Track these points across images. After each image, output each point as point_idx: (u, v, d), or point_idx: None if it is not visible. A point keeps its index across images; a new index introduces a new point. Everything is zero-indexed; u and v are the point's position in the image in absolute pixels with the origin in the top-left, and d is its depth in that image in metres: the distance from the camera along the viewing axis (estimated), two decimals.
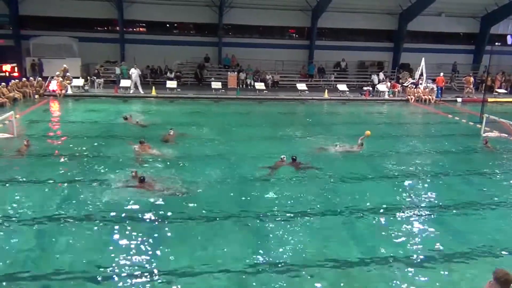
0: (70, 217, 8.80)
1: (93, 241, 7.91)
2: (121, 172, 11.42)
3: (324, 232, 8.62)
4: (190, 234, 8.35)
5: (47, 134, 15.90)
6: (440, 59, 33.51)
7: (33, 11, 29.99)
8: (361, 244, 8.21)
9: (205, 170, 12.00)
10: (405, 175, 12.38)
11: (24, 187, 10.40)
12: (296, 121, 20.43)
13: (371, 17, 33.44)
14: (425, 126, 20.79)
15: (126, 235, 8.17)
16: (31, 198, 9.69)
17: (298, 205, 9.90)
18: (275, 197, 10.32)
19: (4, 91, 20.94)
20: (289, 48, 33.62)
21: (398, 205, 10.11)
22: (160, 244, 7.92)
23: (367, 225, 9.08)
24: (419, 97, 27.03)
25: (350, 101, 27.01)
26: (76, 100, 23.73)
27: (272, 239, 8.25)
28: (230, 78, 29.74)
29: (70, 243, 7.79)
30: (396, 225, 9.05)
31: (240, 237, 8.34)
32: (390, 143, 16.10)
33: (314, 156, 13.76)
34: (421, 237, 8.60)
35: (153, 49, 30.84)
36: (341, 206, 9.97)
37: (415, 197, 10.71)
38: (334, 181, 11.63)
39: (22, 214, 8.87)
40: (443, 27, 34.64)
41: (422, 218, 9.50)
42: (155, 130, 16.53)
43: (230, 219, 9.09)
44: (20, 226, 8.41)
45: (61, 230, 8.30)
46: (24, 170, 11.58)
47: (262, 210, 9.53)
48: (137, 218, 8.89)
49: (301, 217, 9.25)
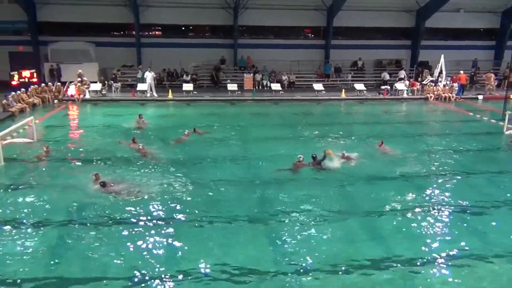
0: (90, 223, 8.92)
1: (115, 247, 7.97)
2: (143, 176, 11.57)
3: (344, 234, 8.54)
4: (205, 237, 8.37)
5: (66, 139, 16.14)
6: (460, 56, 32.93)
7: (50, 17, 30.57)
8: (382, 246, 8.11)
9: (221, 172, 12.06)
10: (426, 175, 12.18)
11: (43, 192, 10.51)
12: (313, 122, 20.30)
13: (387, 15, 33.14)
14: (446, 124, 20.44)
15: (143, 235, 8.23)
16: (49, 202, 9.84)
17: (317, 206, 9.81)
18: (293, 198, 10.26)
19: (24, 97, 21.36)
20: (305, 48, 33.54)
21: (419, 206, 9.93)
22: (174, 246, 7.98)
23: (388, 226, 8.96)
24: (439, 95, 26.65)
25: (368, 100, 26.79)
26: (94, 104, 24.05)
27: (291, 241, 8.21)
28: (246, 79, 29.75)
29: (89, 249, 7.88)
30: (418, 226, 8.91)
31: (258, 240, 8.31)
32: (409, 143, 15.90)
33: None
34: (444, 238, 8.45)
35: (169, 52, 31.13)
36: (361, 206, 9.89)
37: (436, 197, 10.53)
38: (354, 181, 11.50)
39: (36, 219, 9.00)
40: (462, 23, 34.12)
41: (445, 219, 9.33)
42: (170, 132, 16.68)
43: (247, 221, 9.08)
44: (36, 230, 8.54)
45: (81, 235, 8.39)
46: (43, 175, 11.78)
47: (280, 211, 9.50)
48: (150, 221, 8.96)
49: (320, 218, 9.18)
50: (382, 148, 14.49)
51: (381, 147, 14.55)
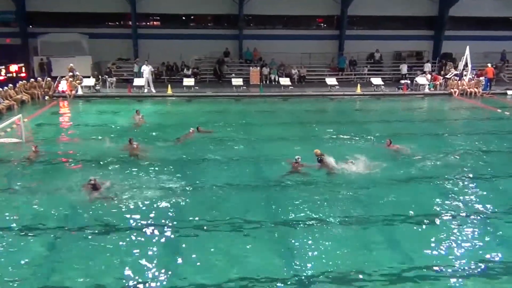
0: (82, 229, 8.93)
1: (108, 256, 7.97)
2: (140, 178, 11.59)
3: (359, 241, 8.51)
4: (210, 243, 8.38)
5: (57, 138, 16.21)
6: (487, 47, 32.70)
7: (40, 7, 30.77)
8: (401, 253, 8.08)
9: (225, 175, 12.07)
10: (450, 177, 12.06)
11: (31, 195, 10.56)
12: (326, 120, 20.27)
13: (408, 2, 32.99)
14: (471, 122, 20.30)
15: (141, 243, 8.24)
16: (41, 206, 9.88)
17: (329, 210, 9.79)
18: (303, 202, 10.23)
19: (12, 93, 21.47)
20: (317, 39, 33.46)
21: (442, 211, 9.88)
22: (174, 254, 8.00)
23: (408, 232, 8.91)
24: (464, 90, 26.46)
25: (386, 96, 26.70)
26: (87, 101, 24.18)
27: (302, 249, 8.19)
28: (252, 73, 29.75)
29: (80, 257, 7.87)
30: (440, 233, 8.84)
31: (267, 246, 8.31)
32: (432, 142, 15.82)
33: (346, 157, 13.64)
34: (468, 246, 8.38)
35: (168, 44, 31.21)
36: (378, 211, 9.85)
37: (460, 202, 10.44)
38: (371, 184, 11.44)
39: (24, 226, 9.05)
40: (490, 12, 33.77)
41: (469, 225, 9.25)
42: (170, 131, 16.76)
43: (254, 228, 9.06)
44: (24, 238, 8.58)
45: (72, 242, 8.41)
46: (32, 178, 11.82)
47: (289, 217, 9.50)
48: (148, 227, 8.96)
49: (333, 224, 9.16)
50: (391, 147, 14.51)
51: (389, 146, 14.56)
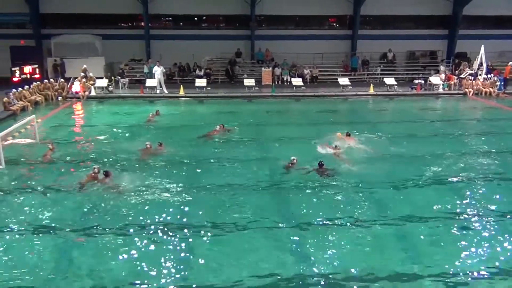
0: (96, 228, 9.03)
1: (120, 255, 8.05)
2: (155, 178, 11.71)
3: (372, 243, 8.47)
4: (220, 246, 8.42)
5: (70, 139, 16.31)
6: (503, 46, 32.43)
7: (54, 8, 31.13)
8: (414, 257, 8.01)
9: (235, 176, 12.13)
10: (465, 179, 11.95)
11: (45, 195, 10.74)
12: (339, 120, 20.19)
13: (421, 2, 32.74)
14: (487, 123, 20.04)
15: (155, 244, 8.32)
16: (56, 205, 10.02)
17: (340, 212, 9.77)
18: (315, 205, 10.23)
19: (26, 94, 21.72)
20: (329, 39, 33.34)
21: (457, 214, 9.80)
22: (185, 255, 8.05)
23: (421, 235, 8.82)
24: (479, 89, 26.21)
25: (399, 96, 26.53)
26: (100, 102, 24.36)
27: (314, 251, 8.18)
28: (264, 74, 29.78)
29: (94, 257, 7.97)
30: (456, 236, 8.78)
31: (276, 249, 8.30)
32: (446, 143, 15.69)
33: (358, 158, 13.62)
34: (484, 250, 8.28)
35: (180, 45, 31.38)
36: (391, 214, 9.79)
37: (475, 204, 10.33)
38: (383, 187, 11.37)
39: (39, 225, 9.18)
40: (505, 10, 33.39)
41: (485, 228, 9.15)
42: (183, 132, 16.87)
43: (265, 229, 9.07)
44: (41, 237, 8.69)
45: (86, 242, 8.52)
46: (46, 178, 11.94)
47: (301, 219, 9.49)
48: (163, 226, 9.02)
49: (344, 227, 9.13)
50: (346, 139, 15.13)
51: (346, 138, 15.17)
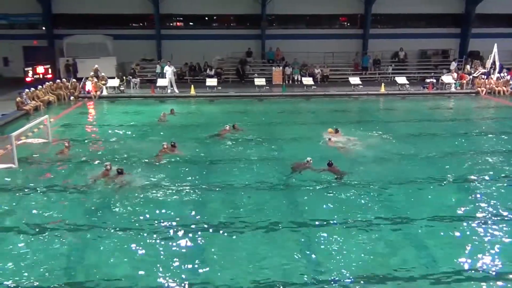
0: (110, 227, 9.11)
1: (133, 255, 8.13)
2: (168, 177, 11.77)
3: (383, 244, 8.46)
4: (231, 246, 8.46)
5: (83, 138, 16.44)
6: None
7: (66, 9, 31.47)
8: (425, 257, 7.98)
9: (247, 175, 12.15)
10: (477, 179, 11.85)
11: (58, 194, 10.86)
12: (349, 119, 20.14)
13: (433, 0, 32.52)
14: (500, 122, 19.87)
15: (167, 241, 8.39)
16: (67, 207, 10.15)
17: (351, 212, 9.76)
18: (325, 205, 10.23)
19: (39, 94, 21.94)
20: (340, 38, 33.28)
21: (468, 214, 9.73)
22: (197, 254, 8.09)
23: (432, 236, 8.79)
24: (491, 88, 26.00)
25: (411, 95, 26.41)
26: (111, 101, 24.55)
27: (325, 251, 8.19)
28: (274, 73, 29.78)
29: (108, 256, 8.05)
30: (467, 237, 8.74)
31: (288, 249, 8.31)
32: (458, 143, 15.64)
33: (368, 157, 13.63)
34: (497, 250, 8.21)
35: (191, 44, 31.52)
36: (401, 214, 9.76)
37: (488, 205, 10.25)
38: (394, 186, 11.34)
39: (53, 224, 9.28)
40: None
41: (498, 227, 9.09)
42: (195, 131, 16.99)
43: (275, 228, 9.10)
44: (54, 236, 8.78)
45: (100, 240, 8.59)
46: (60, 177, 12.09)
47: (312, 219, 9.49)
48: (173, 227, 9.08)
49: (354, 227, 9.12)
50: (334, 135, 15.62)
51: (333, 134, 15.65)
